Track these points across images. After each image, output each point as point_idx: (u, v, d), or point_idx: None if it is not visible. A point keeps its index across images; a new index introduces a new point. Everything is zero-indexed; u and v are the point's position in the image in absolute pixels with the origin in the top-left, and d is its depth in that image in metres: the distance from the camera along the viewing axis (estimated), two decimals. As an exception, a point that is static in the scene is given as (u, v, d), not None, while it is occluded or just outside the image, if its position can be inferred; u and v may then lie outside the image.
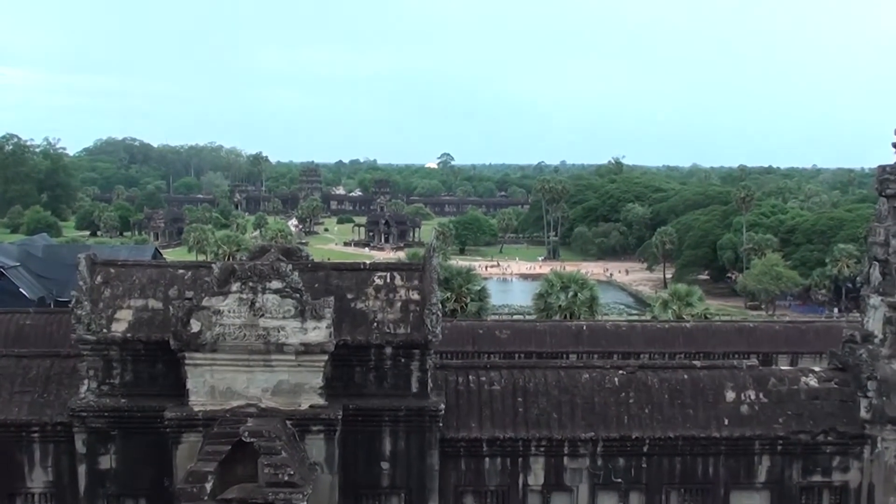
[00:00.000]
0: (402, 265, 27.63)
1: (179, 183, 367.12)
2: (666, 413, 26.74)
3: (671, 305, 69.80)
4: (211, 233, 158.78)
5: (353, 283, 26.08)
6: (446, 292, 70.30)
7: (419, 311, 25.44)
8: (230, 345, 23.78)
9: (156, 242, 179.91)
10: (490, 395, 26.78)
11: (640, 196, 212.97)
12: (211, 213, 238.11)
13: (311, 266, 26.78)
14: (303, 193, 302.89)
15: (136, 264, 26.77)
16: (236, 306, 23.75)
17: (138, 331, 24.93)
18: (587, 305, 70.34)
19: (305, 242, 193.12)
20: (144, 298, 25.53)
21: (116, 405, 24.94)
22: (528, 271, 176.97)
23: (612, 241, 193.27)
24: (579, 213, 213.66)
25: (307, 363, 24.10)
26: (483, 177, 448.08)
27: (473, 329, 43.05)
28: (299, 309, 23.79)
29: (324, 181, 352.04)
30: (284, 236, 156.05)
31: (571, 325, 44.97)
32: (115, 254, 75.51)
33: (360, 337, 24.95)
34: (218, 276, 23.91)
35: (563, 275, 74.93)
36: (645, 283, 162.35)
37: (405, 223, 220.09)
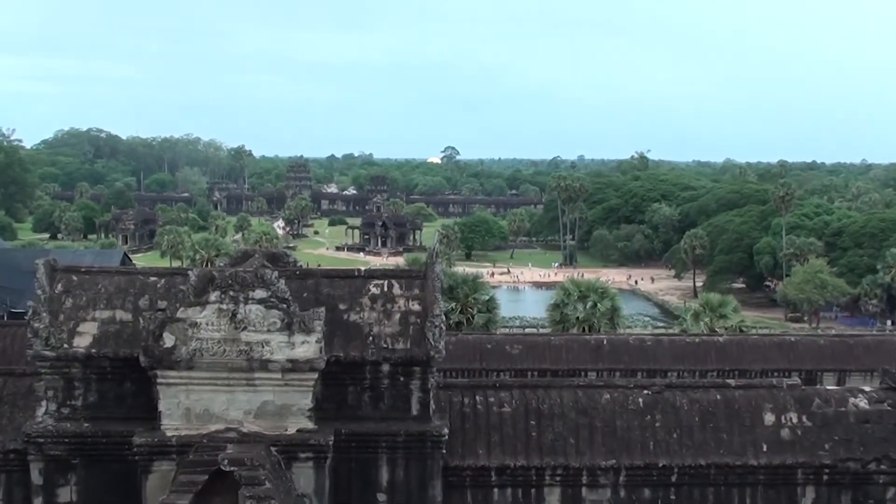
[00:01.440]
0: (402, 272, 27.54)
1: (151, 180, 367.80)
2: (697, 438, 26.64)
3: (702, 317, 69.75)
4: (187, 236, 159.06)
5: (347, 293, 26.01)
6: (451, 302, 70.35)
7: (420, 323, 25.36)
8: (208, 361, 23.69)
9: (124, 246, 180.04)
10: (499, 418, 26.70)
11: (667, 195, 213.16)
12: (187, 213, 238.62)
13: (299, 273, 26.71)
14: (290, 192, 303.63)
15: (102, 271, 26.69)
16: (215, 318, 23.67)
17: (104, 346, 24.84)
18: (608, 317, 70.34)
19: (293, 247, 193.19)
20: (111, 310, 25.44)
21: (78, 430, 24.79)
22: (541, 279, 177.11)
23: (636, 245, 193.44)
24: (599, 213, 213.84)
25: (295, 382, 24.01)
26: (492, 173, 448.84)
27: (481, 344, 43.04)
28: (286, 321, 23.71)
29: (314, 178, 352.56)
30: (269, 240, 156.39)
31: (590, 340, 44.95)
32: (78, 259, 75.50)
33: (353, 353, 24.87)
34: (195, 284, 23.84)
35: (580, 283, 74.95)
36: (673, 292, 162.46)
37: (404, 225, 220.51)
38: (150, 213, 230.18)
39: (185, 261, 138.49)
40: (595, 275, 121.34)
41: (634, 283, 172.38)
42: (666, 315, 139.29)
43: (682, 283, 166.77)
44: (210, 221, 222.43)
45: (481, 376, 39.13)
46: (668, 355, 42.83)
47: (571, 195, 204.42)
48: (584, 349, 43.04)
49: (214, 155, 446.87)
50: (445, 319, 26.08)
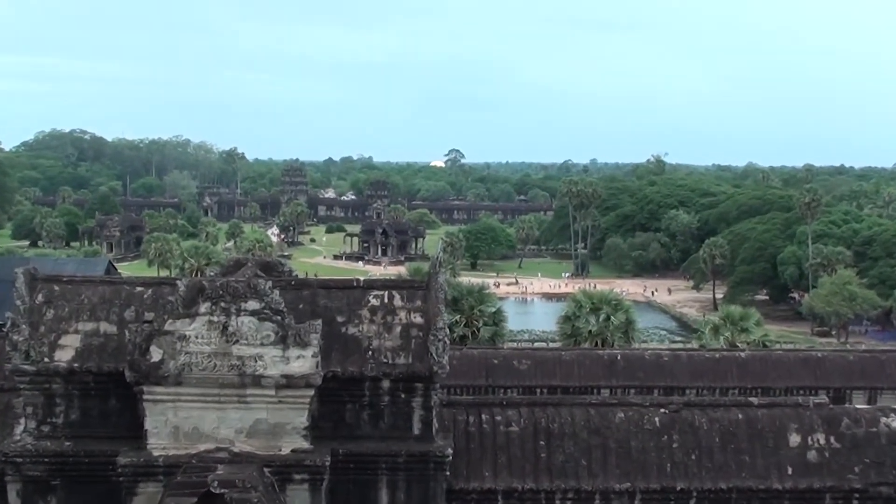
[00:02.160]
0: (403, 282, 27.54)
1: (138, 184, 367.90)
2: (717, 460, 26.59)
3: (723, 331, 69.62)
4: (175, 243, 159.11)
5: (345, 304, 25.98)
6: (455, 315, 70.34)
7: (422, 337, 25.33)
8: (198, 377, 23.67)
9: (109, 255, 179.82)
10: (507, 438, 26.66)
11: (685, 201, 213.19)
12: (176, 219, 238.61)
13: (294, 283, 26.69)
14: (285, 197, 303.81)
15: (86, 281, 26.67)
16: (205, 331, 23.65)
17: (87, 360, 24.81)
18: (622, 331, 70.25)
19: (288, 255, 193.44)
20: (95, 321, 25.42)
21: (59, 449, 24.76)
22: (551, 290, 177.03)
23: (652, 254, 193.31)
24: (613, 220, 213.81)
25: (289, 399, 23.97)
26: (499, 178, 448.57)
27: (487, 359, 43.02)
28: (280, 334, 23.68)
29: (310, 182, 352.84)
30: (263, 248, 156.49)
31: (603, 355, 44.91)
32: (60, 268, 75.56)
33: (352, 368, 24.84)
34: (184, 294, 23.82)
35: (593, 294, 74.83)
36: (691, 304, 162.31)
37: (406, 232, 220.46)
38: (137, 220, 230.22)
39: (173, 270, 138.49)
40: (608, 286, 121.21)
41: (650, 294, 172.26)
42: (684, 329, 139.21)
43: (701, 294, 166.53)
44: (200, 228, 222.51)
45: (487, 393, 39.11)
46: (686, 371, 42.78)
47: (583, 201, 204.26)
48: (596, 365, 43.00)
49: (205, 158, 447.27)
50: (449, 333, 26.09)
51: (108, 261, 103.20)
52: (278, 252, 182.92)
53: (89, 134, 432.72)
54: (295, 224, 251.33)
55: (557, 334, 77.23)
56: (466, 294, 74.38)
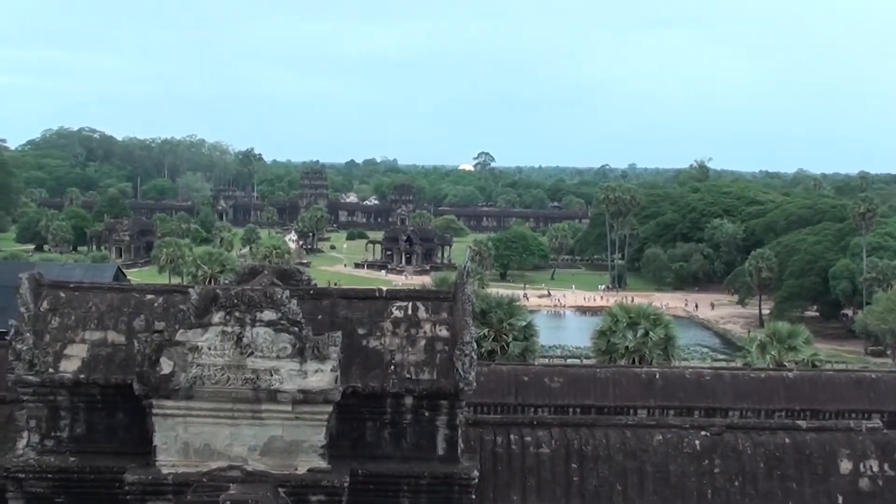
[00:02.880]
0: (428, 293, 27.54)
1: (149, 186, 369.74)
2: (761, 487, 26.50)
3: (769, 349, 69.41)
4: (188, 249, 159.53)
5: (366, 316, 26.01)
6: (483, 328, 70.24)
7: (448, 351, 25.33)
8: (210, 390, 23.72)
9: (118, 260, 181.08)
10: (537, 460, 26.64)
11: (731, 210, 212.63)
12: (188, 223, 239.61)
13: (313, 293, 26.74)
14: (304, 201, 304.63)
15: (93, 287, 26.79)
16: (218, 342, 23.70)
17: (94, 371, 24.91)
18: (661, 347, 70.07)
19: (307, 263, 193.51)
20: (103, 330, 25.52)
21: (64, 465, 24.84)
22: (586, 303, 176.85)
23: (694, 266, 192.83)
24: (652, 230, 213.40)
25: (306, 415, 24.00)
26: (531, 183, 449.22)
27: (517, 375, 42.94)
28: (298, 347, 23.71)
29: (331, 186, 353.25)
30: (280, 254, 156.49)
31: (641, 373, 44.76)
32: (66, 274, 75.90)
33: (373, 383, 24.85)
34: (196, 303, 23.88)
35: (630, 308, 74.69)
36: (735, 319, 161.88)
37: (432, 240, 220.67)
38: (148, 224, 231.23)
39: (185, 277, 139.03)
40: (647, 299, 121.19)
41: (692, 309, 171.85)
42: (727, 346, 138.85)
43: (747, 310, 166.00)
44: (214, 233, 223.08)
45: (517, 412, 39.03)
46: (729, 392, 42.60)
47: (621, 209, 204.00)
48: (633, 383, 42.87)
49: (220, 159, 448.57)
50: (477, 347, 26.05)
51: (117, 267, 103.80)
52: (296, 259, 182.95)
53: (98, 133, 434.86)
54: (314, 230, 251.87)
55: (592, 350, 77.05)
56: (495, 306, 74.29)
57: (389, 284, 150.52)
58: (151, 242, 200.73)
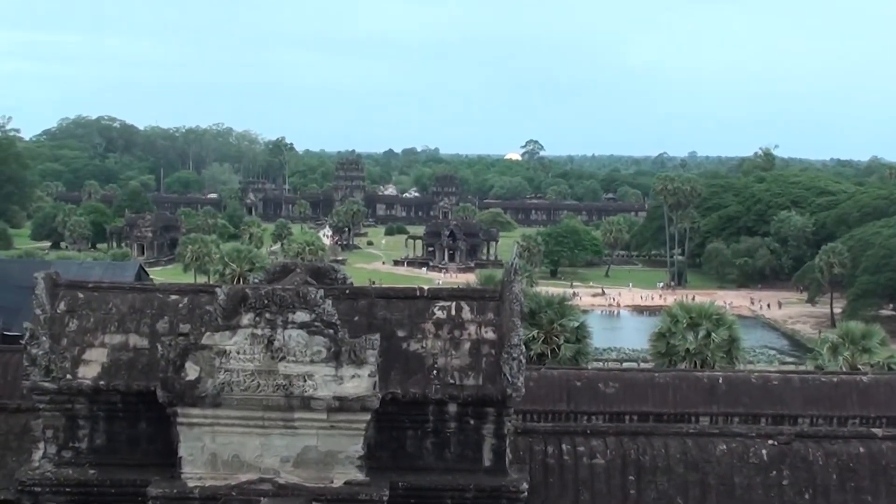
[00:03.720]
0: (473, 292, 27.48)
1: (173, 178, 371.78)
2: (834, 499, 26.37)
3: (842, 351, 69.01)
4: (215, 246, 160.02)
5: (406, 317, 26.01)
6: (532, 329, 70.16)
7: (495, 355, 25.29)
8: (239, 398, 23.75)
9: (141, 258, 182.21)
10: (591, 472, 26.59)
11: (799, 201, 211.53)
12: (215, 218, 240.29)
13: (349, 292, 26.75)
14: (339, 194, 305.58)
15: (113, 287, 26.90)
16: (248, 346, 23.72)
17: (114, 377, 24.99)
18: (724, 350, 69.78)
19: (342, 260, 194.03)
20: (124, 334, 25.61)
21: (83, 478, 24.92)
22: (643, 302, 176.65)
23: (760, 262, 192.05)
24: (714, 223, 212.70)
25: (342, 424, 24.01)
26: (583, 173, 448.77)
27: (569, 380, 42.85)
28: (333, 350, 23.70)
29: (368, 178, 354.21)
30: (314, 251, 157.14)
31: (703, 378, 44.58)
32: (84, 273, 76.36)
33: (414, 389, 24.85)
34: (224, 304, 23.92)
35: (691, 307, 74.38)
36: (805, 319, 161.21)
37: (477, 235, 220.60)
38: (172, 219, 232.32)
39: (212, 276, 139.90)
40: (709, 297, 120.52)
41: (758, 308, 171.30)
42: (796, 348, 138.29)
43: (817, 308, 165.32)
44: (243, 229, 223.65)
45: (569, 420, 38.94)
46: (798, 398, 42.36)
47: (680, 200, 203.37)
48: (694, 389, 42.69)
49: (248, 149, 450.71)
50: (526, 350, 26.01)
51: (139, 265, 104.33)
52: (331, 256, 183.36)
53: (119, 121, 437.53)
54: (350, 225, 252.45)
55: (650, 353, 76.87)
56: (545, 306, 74.17)
57: (431, 283, 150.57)
58: (176, 239, 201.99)
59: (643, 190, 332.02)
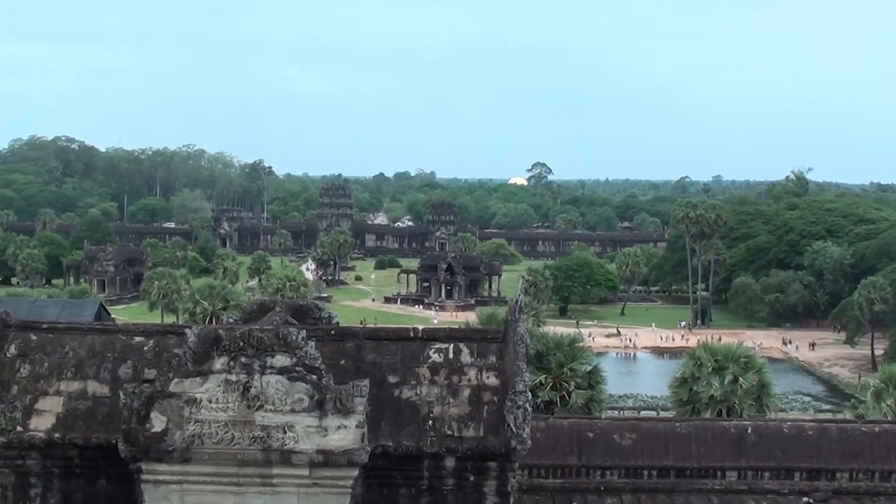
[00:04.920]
0: (473, 333, 27.48)
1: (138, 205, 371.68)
2: (877, 564, 26.32)
3: (885, 398, 69.05)
4: (184, 281, 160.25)
5: (399, 361, 25.99)
6: (539, 374, 70.12)
7: (497, 403, 25.26)
8: (211, 452, 23.70)
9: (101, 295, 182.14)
10: (605, 534, 26.55)
11: (836, 230, 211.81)
12: (185, 251, 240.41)
13: (335, 333, 26.74)
14: (324, 223, 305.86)
15: (71, 328, 26.85)
16: (221, 393, 23.68)
17: (71, 429, 24.94)
18: (754, 396, 69.77)
19: (327, 297, 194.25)
20: (82, 380, 25.57)
21: (37, 541, 24.94)
22: (663, 343, 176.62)
23: (793, 298, 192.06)
24: (742, 255, 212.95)
25: (327, 481, 23.95)
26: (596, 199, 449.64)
27: (580, 431, 42.79)
28: (316, 399, 23.66)
29: (356, 205, 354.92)
30: (296, 287, 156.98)
31: (730, 427, 44.52)
32: (38, 312, 76.30)
33: (407, 442, 24.82)
34: (194, 346, 23.89)
35: (716, 349, 74.34)
36: (843, 362, 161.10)
37: (477, 269, 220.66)
38: (136, 251, 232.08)
39: (181, 315, 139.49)
40: (736, 338, 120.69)
41: (792, 349, 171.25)
42: (833, 394, 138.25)
43: (857, 350, 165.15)
44: (216, 262, 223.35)
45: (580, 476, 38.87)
46: (836, 450, 42.30)
47: (704, 230, 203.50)
48: (720, 440, 42.63)
49: (223, 173, 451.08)
50: (532, 398, 25.98)
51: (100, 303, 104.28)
52: (315, 293, 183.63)
53: (77, 142, 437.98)
54: (336, 258, 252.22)
55: (670, 400, 76.92)
56: (554, 348, 74.13)
57: (427, 322, 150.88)
58: (141, 274, 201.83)
59: (663, 218, 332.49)
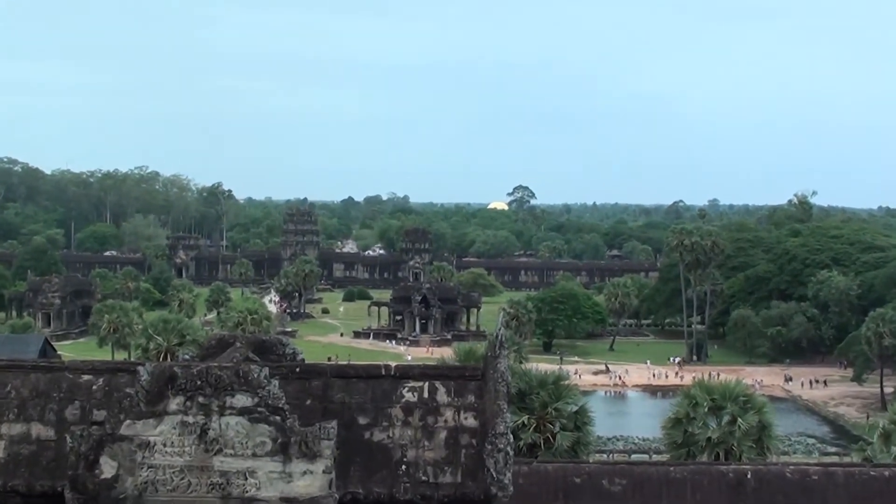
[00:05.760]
0: (450, 370, 27.46)
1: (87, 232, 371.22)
2: None
3: (895, 440, 69.20)
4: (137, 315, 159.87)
5: (369, 400, 25.97)
6: (522, 415, 70.17)
7: (476, 446, 25.26)
8: (166, 500, 23.62)
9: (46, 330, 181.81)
10: (594, 588, 26.53)
11: (842, 258, 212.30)
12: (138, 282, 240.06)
13: (301, 371, 26.71)
14: (288, 251, 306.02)
15: (13, 366, 26.79)
16: (177, 436, 23.63)
17: (13, 476, 24.86)
18: (753, 438, 69.89)
19: (292, 332, 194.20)
20: (25, 422, 25.51)
21: None
22: (655, 381, 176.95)
23: (795, 331, 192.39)
24: (741, 285, 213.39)
25: (292, 531, 23.95)
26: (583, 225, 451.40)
27: (566, 476, 42.88)
28: (280, 441, 23.63)
29: (323, 231, 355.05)
30: (258, 321, 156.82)
31: (728, 472, 44.67)
32: (-21, 348, 76.16)
33: (378, 488, 24.80)
34: (147, 386, 23.85)
35: (713, 387, 74.47)
36: (850, 401, 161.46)
37: (454, 301, 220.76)
38: (84, 282, 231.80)
39: (133, 351, 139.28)
40: (735, 375, 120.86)
41: (799, 387, 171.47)
42: (840, 435, 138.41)
43: (865, 388, 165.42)
44: (171, 294, 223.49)
45: (567, 525, 38.95)
46: (844, 495, 42.45)
47: (700, 258, 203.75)
48: (718, 485, 42.76)
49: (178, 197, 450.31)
50: (514, 440, 25.99)
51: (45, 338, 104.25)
52: (278, 327, 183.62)
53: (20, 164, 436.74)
54: (301, 289, 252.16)
55: (664, 443, 76.99)
56: (538, 386, 74.16)
57: (399, 359, 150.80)
58: (89, 306, 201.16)
59: (655, 246, 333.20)
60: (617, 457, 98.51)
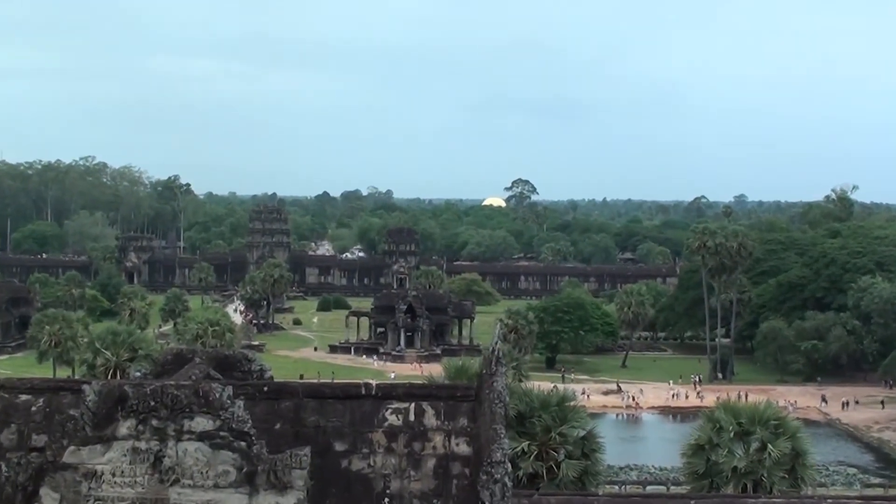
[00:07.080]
0: (439, 390, 27.53)
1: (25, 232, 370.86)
2: None
3: (947, 469, 69.40)
4: (82, 326, 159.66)
5: (347, 424, 26.00)
6: (521, 440, 70.17)
7: (469, 476, 25.30)
8: (115, 537, 23.68)
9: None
10: None
11: (886, 262, 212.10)
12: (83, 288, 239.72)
13: (269, 391, 26.73)
14: (255, 254, 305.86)
15: (-58, 384, 26.84)
16: (127, 464, 23.64)
17: (-57, 509, 24.94)
18: (786, 468, 69.94)
19: (259, 346, 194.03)
20: (-45, 448, 25.55)
21: None
22: (674, 402, 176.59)
23: (834, 346, 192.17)
24: (771, 293, 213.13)
25: (259, 574, 23.97)
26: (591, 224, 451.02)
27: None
28: (246, 471, 23.64)
29: (295, 231, 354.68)
30: (220, 334, 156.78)
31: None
32: None
33: (358, 524, 24.84)
34: (94, 407, 23.84)
35: (739, 409, 74.53)
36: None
37: (444, 310, 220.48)
38: (21, 289, 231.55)
39: (78, 368, 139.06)
40: (765, 395, 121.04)
41: (841, 408, 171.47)
42: (885, 464, 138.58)
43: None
44: (121, 302, 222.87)
45: (572, 566, 39.02)
46: (888, 533, 42.61)
47: (724, 262, 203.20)
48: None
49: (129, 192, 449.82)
50: (513, 469, 26.01)
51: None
52: (244, 340, 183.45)
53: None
54: (270, 296, 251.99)
55: (683, 473, 76.97)
56: (540, 408, 74.17)
57: (382, 377, 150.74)
58: (28, 316, 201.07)
59: (673, 248, 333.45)
60: (630, 489, 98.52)
